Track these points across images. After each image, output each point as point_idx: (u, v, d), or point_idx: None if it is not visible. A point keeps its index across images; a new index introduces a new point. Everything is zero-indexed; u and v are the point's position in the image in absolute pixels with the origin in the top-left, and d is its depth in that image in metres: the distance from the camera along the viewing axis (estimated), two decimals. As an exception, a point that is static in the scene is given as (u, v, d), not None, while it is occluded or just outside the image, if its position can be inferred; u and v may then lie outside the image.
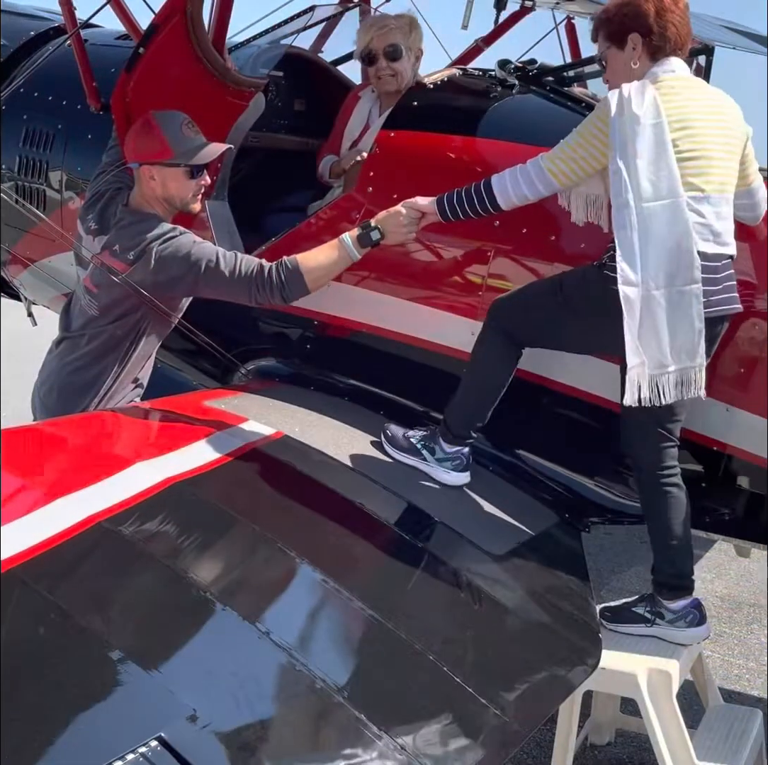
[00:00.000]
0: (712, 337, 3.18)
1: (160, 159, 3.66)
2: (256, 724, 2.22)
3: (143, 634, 2.34)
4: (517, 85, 3.99)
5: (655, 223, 3.03)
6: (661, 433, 3.23)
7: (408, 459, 3.48)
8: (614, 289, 3.05)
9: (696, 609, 3.29)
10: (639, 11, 3.19)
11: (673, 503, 3.26)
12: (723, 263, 3.18)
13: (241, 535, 2.88)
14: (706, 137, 3.16)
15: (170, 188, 3.70)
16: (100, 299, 3.73)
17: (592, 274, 3.24)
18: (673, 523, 3.26)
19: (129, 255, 3.61)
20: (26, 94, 4.77)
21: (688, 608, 3.28)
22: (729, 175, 3.21)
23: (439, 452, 3.45)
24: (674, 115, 3.10)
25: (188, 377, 4.59)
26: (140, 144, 3.71)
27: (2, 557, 2.30)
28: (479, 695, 2.47)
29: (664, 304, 3.02)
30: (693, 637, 3.32)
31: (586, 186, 3.32)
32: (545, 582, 3.26)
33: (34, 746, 1.94)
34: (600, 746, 4.22)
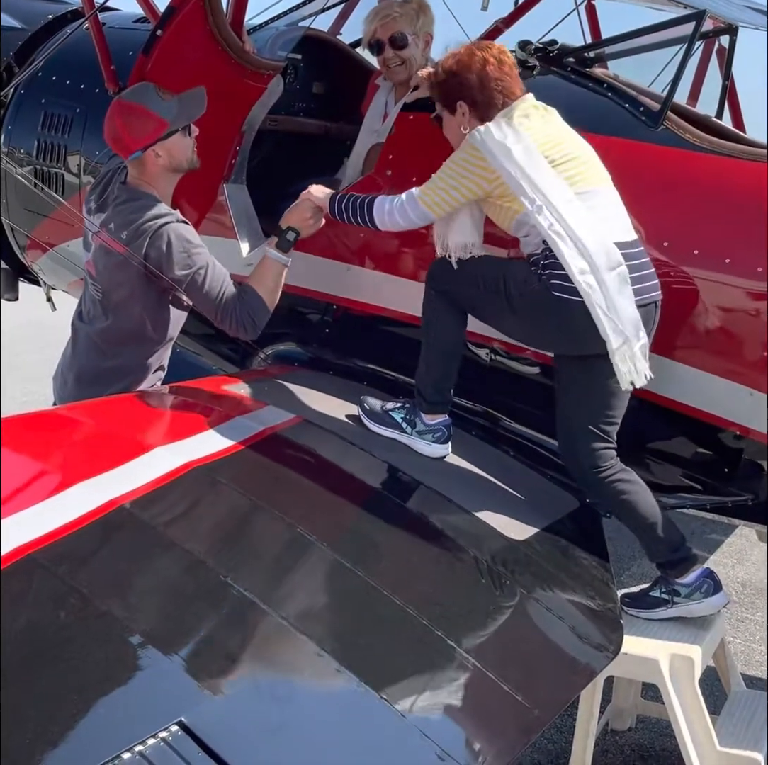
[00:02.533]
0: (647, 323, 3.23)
1: (160, 134, 3.60)
2: (276, 709, 2.22)
3: (163, 618, 2.34)
4: (537, 66, 3.95)
5: (570, 215, 3.14)
6: (598, 435, 3.27)
7: (388, 431, 3.48)
8: (556, 296, 3.14)
9: (708, 578, 3.32)
10: (463, 83, 3.29)
11: (628, 490, 3.30)
12: (638, 250, 3.26)
13: (260, 519, 2.88)
14: (566, 143, 3.31)
15: (176, 155, 3.66)
16: (102, 283, 3.70)
17: (533, 282, 3.24)
18: (639, 508, 3.30)
19: (122, 234, 3.56)
20: (44, 78, 4.76)
21: (700, 579, 3.32)
22: (601, 169, 3.33)
23: (419, 425, 3.47)
24: (535, 132, 3.25)
25: (207, 362, 4.58)
26: (135, 131, 3.62)
27: (22, 542, 2.30)
28: (500, 681, 2.46)
29: (613, 285, 3.11)
30: (713, 605, 3.34)
31: (462, 235, 3.37)
32: (566, 567, 3.24)
33: (54, 730, 1.95)
34: (621, 732, 4.21)
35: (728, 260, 3.42)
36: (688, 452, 3.62)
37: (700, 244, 3.46)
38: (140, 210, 3.57)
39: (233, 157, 4.12)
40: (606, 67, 4.17)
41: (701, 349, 3.48)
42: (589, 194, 3.24)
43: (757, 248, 3.36)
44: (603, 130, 3.70)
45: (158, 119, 3.61)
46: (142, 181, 3.68)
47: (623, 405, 3.30)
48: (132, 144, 3.63)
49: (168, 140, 3.62)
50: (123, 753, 1.90)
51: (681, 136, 3.62)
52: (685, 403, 3.51)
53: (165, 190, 3.70)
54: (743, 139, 3.97)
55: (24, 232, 5.01)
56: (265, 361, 4.25)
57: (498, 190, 3.23)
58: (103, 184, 3.82)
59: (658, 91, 3.93)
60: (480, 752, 2.30)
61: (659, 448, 3.68)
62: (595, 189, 3.27)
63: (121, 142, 3.66)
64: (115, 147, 3.73)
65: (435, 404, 3.47)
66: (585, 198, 3.22)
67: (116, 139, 3.69)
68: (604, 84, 3.85)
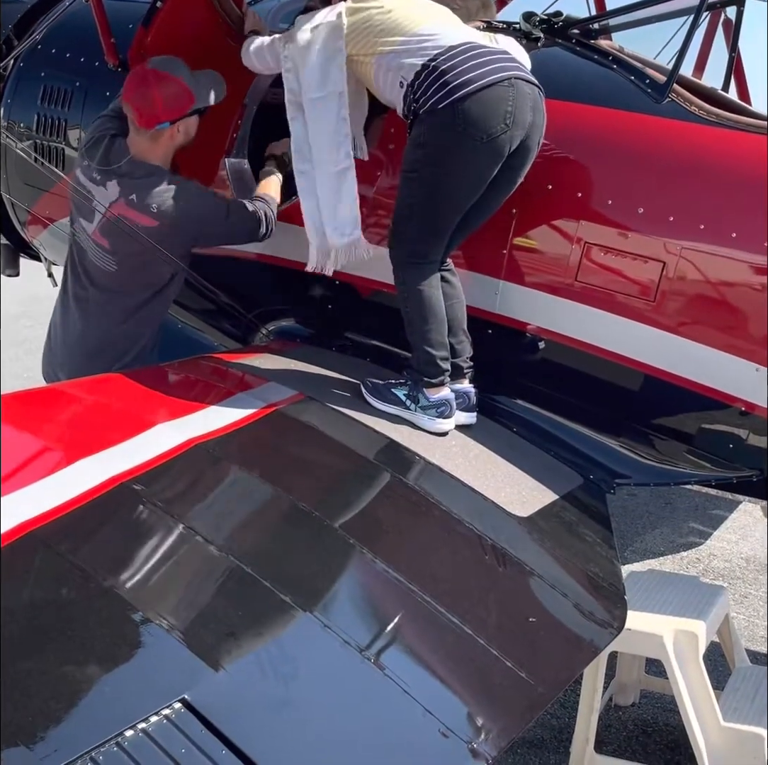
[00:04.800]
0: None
1: (189, 109, 3.64)
2: (280, 687, 2.22)
3: (165, 595, 2.34)
4: (542, 38, 3.91)
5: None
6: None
7: (391, 408, 3.47)
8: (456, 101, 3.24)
9: (449, 403, 3.45)
10: None
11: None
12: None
13: (263, 495, 2.87)
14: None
15: (191, 134, 3.73)
16: (116, 254, 3.69)
17: (421, 126, 3.35)
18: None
19: (152, 207, 3.58)
20: (44, 51, 4.72)
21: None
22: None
23: (422, 400, 3.46)
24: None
25: (209, 338, 4.56)
26: (171, 102, 3.62)
27: (23, 519, 2.29)
28: (504, 658, 2.46)
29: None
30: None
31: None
32: (570, 544, 3.23)
33: (57, 707, 1.95)
34: (624, 707, 4.21)
35: (734, 235, 3.39)
36: (693, 428, 3.61)
37: (705, 219, 3.43)
38: (160, 183, 3.61)
39: (235, 131, 4.08)
40: (611, 39, 4.12)
41: (707, 324, 3.46)
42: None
43: (763, 222, 3.33)
44: (608, 102, 3.67)
45: (190, 94, 3.62)
46: (147, 156, 3.66)
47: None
48: (163, 115, 3.62)
49: (190, 118, 3.66)
50: (125, 730, 1.90)
51: (687, 108, 3.58)
52: (690, 378, 3.49)
53: (167, 165, 3.72)
54: (749, 111, 3.93)
55: (24, 208, 4.98)
56: (267, 337, 4.23)
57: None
58: (102, 151, 3.76)
59: (664, 63, 3.89)
60: (483, 729, 2.29)
61: (664, 423, 3.66)
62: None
63: (153, 111, 3.62)
64: (142, 114, 3.65)
65: (433, 377, 3.46)
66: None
67: (147, 107, 3.63)
68: (610, 56, 3.80)
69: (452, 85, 3.26)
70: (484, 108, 3.26)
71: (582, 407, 3.74)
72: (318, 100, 3.45)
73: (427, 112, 3.31)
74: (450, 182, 3.37)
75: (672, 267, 3.38)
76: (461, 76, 3.26)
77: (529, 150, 3.40)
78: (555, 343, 3.63)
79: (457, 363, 3.56)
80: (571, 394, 3.74)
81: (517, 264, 3.66)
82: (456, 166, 3.34)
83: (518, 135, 3.33)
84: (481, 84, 3.25)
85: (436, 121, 3.30)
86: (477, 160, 3.34)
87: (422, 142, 3.37)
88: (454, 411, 3.49)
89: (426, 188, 3.39)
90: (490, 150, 3.31)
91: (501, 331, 3.74)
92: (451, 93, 3.25)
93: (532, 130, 3.37)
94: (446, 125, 3.29)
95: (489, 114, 3.27)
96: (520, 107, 3.30)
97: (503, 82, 3.27)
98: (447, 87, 3.26)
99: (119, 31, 4.10)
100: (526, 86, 3.34)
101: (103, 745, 1.86)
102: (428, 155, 3.37)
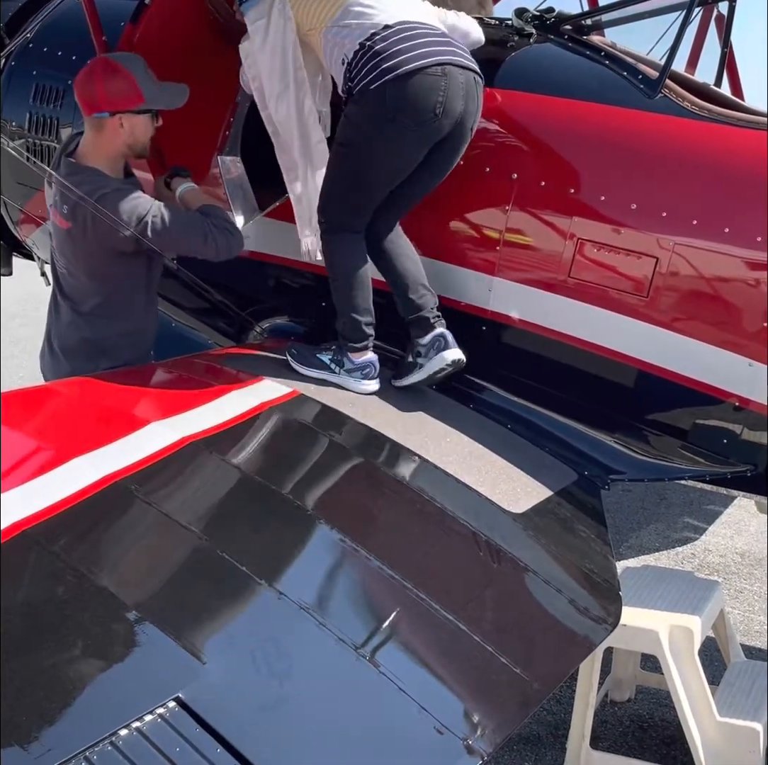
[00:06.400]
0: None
1: (134, 106, 3.54)
2: (275, 685, 2.22)
3: (160, 594, 2.34)
4: (534, 34, 3.90)
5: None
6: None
7: (317, 373, 3.54)
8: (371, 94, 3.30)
9: (373, 365, 3.55)
10: None
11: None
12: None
13: (257, 494, 2.86)
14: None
15: (137, 134, 3.60)
16: (63, 256, 3.66)
17: (354, 106, 3.40)
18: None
19: (63, 208, 3.52)
20: (36, 50, 4.71)
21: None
22: None
23: (347, 364, 3.55)
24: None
25: (203, 336, 4.56)
26: (112, 91, 3.53)
27: (17, 519, 2.28)
28: (499, 654, 2.46)
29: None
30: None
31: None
32: (565, 540, 3.23)
33: (51, 707, 1.95)
34: (620, 702, 4.22)
35: (727, 230, 3.39)
36: (687, 423, 3.61)
37: (698, 214, 3.43)
38: (78, 185, 3.49)
39: (227, 129, 4.07)
40: (603, 35, 4.12)
41: (700, 319, 3.46)
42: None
43: (756, 218, 3.33)
44: (600, 98, 3.67)
45: (138, 91, 3.55)
46: (92, 151, 3.58)
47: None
48: (103, 102, 3.54)
49: (137, 116, 3.56)
50: (120, 729, 1.90)
51: (679, 104, 3.58)
52: (684, 374, 3.49)
53: (116, 165, 3.63)
54: (742, 106, 3.93)
55: (17, 206, 4.97)
56: (261, 335, 4.23)
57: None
58: (59, 152, 3.74)
59: (657, 59, 3.89)
60: (479, 725, 2.29)
61: (658, 419, 3.66)
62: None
63: (94, 97, 3.56)
64: (84, 100, 3.60)
65: (357, 342, 3.55)
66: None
67: (88, 93, 3.58)
68: (602, 52, 3.80)
69: (383, 67, 3.30)
70: (415, 96, 3.30)
71: (576, 403, 3.74)
72: (281, 94, 3.51)
73: (360, 92, 3.36)
74: (375, 163, 3.45)
75: (665, 262, 3.38)
76: (392, 58, 3.29)
77: (461, 136, 3.45)
78: (548, 339, 3.63)
79: (423, 315, 3.58)
80: (565, 390, 3.74)
81: (510, 260, 3.66)
82: (383, 149, 3.42)
83: (448, 124, 3.38)
84: (412, 67, 3.28)
85: (367, 103, 3.36)
86: (403, 145, 3.40)
87: (354, 123, 3.44)
88: (378, 372, 3.58)
89: (353, 166, 3.48)
90: (418, 137, 3.38)
91: (494, 327, 3.74)
92: (381, 75, 3.30)
93: (465, 116, 3.41)
94: (377, 109, 3.34)
95: (419, 103, 3.31)
96: (451, 97, 3.33)
97: (436, 70, 3.30)
98: (378, 68, 3.31)
99: (111, 29, 4.09)
100: (459, 74, 3.36)
101: (98, 745, 1.86)
102: (358, 135, 3.44)
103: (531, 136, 3.72)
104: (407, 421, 3.47)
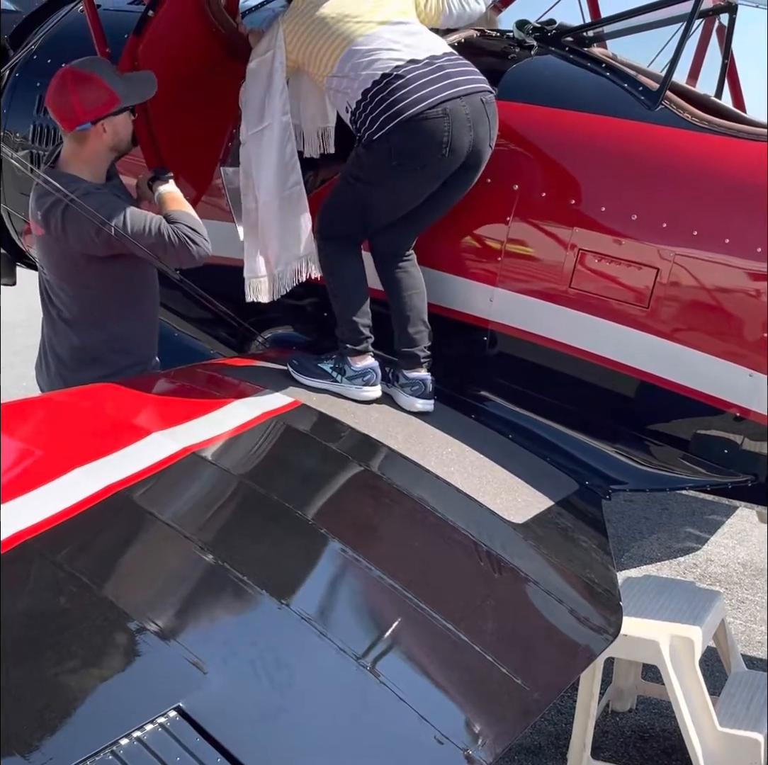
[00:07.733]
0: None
1: (112, 108, 3.52)
2: (276, 695, 2.22)
3: (161, 603, 2.34)
4: (535, 46, 3.92)
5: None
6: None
7: (318, 382, 3.54)
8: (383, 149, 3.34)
9: (374, 371, 3.55)
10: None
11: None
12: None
13: (259, 504, 2.87)
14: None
15: (121, 133, 3.59)
16: (45, 266, 3.66)
17: (362, 150, 3.43)
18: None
19: (38, 215, 3.53)
20: (40, 61, 4.72)
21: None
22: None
23: (349, 371, 3.55)
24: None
25: (205, 346, 4.57)
26: (89, 102, 3.50)
27: (18, 529, 2.29)
28: (500, 664, 2.46)
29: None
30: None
31: (312, 123, 3.65)
32: (566, 550, 3.23)
33: (52, 717, 1.95)
34: (621, 713, 4.21)
35: (728, 241, 3.40)
36: (688, 433, 3.61)
37: (698, 225, 3.44)
38: (48, 194, 3.46)
39: (229, 140, 4.09)
40: (605, 46, 4.14)
41: (701, 330, 3.47)
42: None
43: (756, 228, 3.34)
44: (601, 110, 3.68)
45: (113, 93, 3.52)
46: (74, 159, 3.57)
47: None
48: (82, 115, 3.50)
49: (117, 117, 3.55)
50: (121, 739, 1.90)
51: (680, 115, 3.60)
52: (684, 384, 3.50)
53: (99, 169, 3.61)
54: (743, 118, 3.94)
55: (20, 217, 4.99)
56: (263, 345, 4.24)
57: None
58: (47, 157, 3.76)
59: (657, 70, 3.91)
60: (479, 735, 2.29)
61: (659, 429, 3.67)
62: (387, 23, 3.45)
63: (71, 111, 3.52)
64: (62, 116, 3.56)
65: (357, 344, 3.56)
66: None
67: (65, 108, 3.54)
68: (603, 64, 3.82)
69: (383, 117, 3.33)
70: (418, 143, 3.34)
71: (577, 413, 3.74)
72: (258, 134, 3.50)
73: (365, 143, 3.40)
74: (382, 199, 3.53)
75: (666, 273, 3.39)
76: (392, 106, 3.32)
77: (477, 158, 3.47)
78: (549, 349, 3.64)
79: (414, 352, 3.61)
80: (565, 400, 3.75)
81: (512, 271, 3.67)
82: (391, 188, 3.48)
83: (459, 157, 3.40)
84: (412, 113, 3.30)
85: (373, 151, 3.39)
86: (413, 186, 3.46)
87: (363, 164, 3.48)
88: (379, 378, 3.58)
89: (360, 199, 3.53)
90: (427, 176, 3.43)
91: (495, 337, 3.75)
92: (383, 125, 3.33)
93: (477, 143, 3.42)
94: (382, 157, 3.38)
95: (423, 148, 3.35)
96: (456, 135, 3.35)
97: (437, 112, 3.31)
98: (380, 119, 3.34)
99: (114, 42, 4.11)
100: (462, 106, 3.36)
101: (98, 754, 1.86)
102: (368, 176, 3.49)
103: (532, 147, 3.74)
104: (408, 431, 3.47)
